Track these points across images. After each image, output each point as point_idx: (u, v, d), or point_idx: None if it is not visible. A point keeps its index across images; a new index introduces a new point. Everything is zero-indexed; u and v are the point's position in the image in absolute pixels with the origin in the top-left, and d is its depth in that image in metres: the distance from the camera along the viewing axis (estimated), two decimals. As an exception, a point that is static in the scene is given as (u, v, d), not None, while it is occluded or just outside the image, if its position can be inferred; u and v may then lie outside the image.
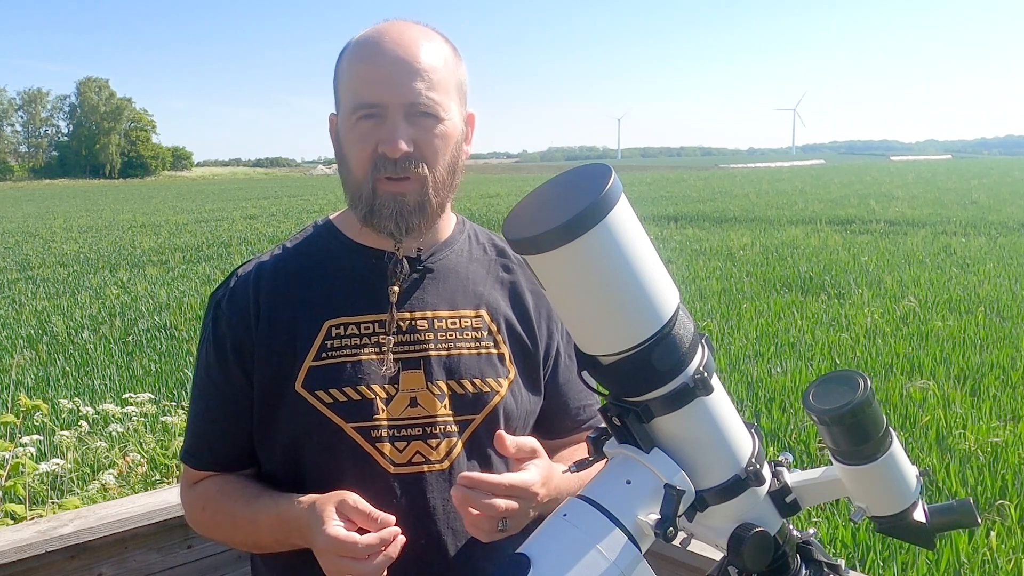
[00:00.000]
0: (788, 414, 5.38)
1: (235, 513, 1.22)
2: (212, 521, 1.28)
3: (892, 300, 9.21)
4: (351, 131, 1.19)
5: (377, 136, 1.16)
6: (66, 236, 21.15)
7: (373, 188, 1.18)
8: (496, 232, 1.40)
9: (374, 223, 1.20)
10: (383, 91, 1.16)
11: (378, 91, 1.16)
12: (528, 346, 1.31)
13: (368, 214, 1.20)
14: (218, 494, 1.26)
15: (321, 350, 1.21)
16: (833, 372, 0.94)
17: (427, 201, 1.20)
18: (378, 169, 1.17)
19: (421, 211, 1.19)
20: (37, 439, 3.78)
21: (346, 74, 1.20)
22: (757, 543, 0.88)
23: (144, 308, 10.09)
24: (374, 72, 1.16)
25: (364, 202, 1.19)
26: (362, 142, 1.17)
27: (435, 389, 1.22)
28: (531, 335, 1.31)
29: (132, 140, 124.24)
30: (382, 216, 1.18)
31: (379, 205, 1.18)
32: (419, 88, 1.16)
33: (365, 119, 1.17)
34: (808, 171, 71.01)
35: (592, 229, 0.76)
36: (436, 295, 1.26)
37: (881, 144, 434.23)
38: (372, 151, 1.17)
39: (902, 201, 25.74)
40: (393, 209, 1.18)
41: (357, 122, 1.17)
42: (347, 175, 1.22)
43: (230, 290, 1.28)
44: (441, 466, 1.21)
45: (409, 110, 1.16)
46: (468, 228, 1.36)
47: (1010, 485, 4.23)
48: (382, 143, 1.16)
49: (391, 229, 1.19)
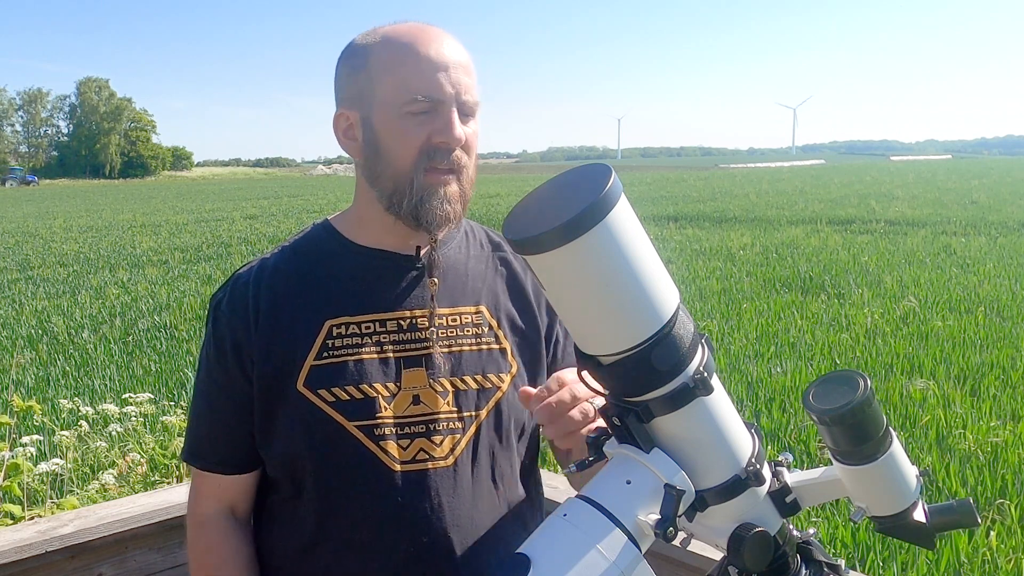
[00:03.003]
0: (788, 414, 5.38)
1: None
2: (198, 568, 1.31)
3: (892, 300, 9.22)
4: (399, 123, 1.17)
5: (430, 127, 1.16)
6: (66, 236, 21.16)
7: (421, 179, 1.17)
8: (492, 228, 1.40)
9: (420, 213, 1.19)
10: (442, 84, 1.16)
11: (434, 84, 1.16)
12: (529, 334, 1.31)
13: (417, 205, 1.18)
14: (219, 561, 1.28)
15: (322, 349, 1.21)
16: (833, 372, 0.94)
17: (464, 193, 1.21)
18: (429, 159, 1.17)
19: (461, 201, 1.21)
20: (37, 439, 3.79)
21: (386, 68, 1.18)
22: (757, 543, 0.88)
23: (144, 308, 10.09)
24: (428, 65, 1.16)
25: (411, 194, 1.18)
26: (412, 134, 1.17)
27: (437, 386, 1.22)
28: (532, 322, 1.31)
29: (132, 140, 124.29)
30: (432, 207, 1.18)
31: (428, 195, 1.18)
32: (468, 85, 1.18)
33: (416, 112, 1.16)
34: (808, 171, 71.04)
35: (592, 229, 0.76)
36: (436, 292, 1.26)
37: (881, 144, 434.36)
38: (423, 142, 1.16)
39: (902, 201, 25.75)
40: (442, 198, 1.18)
41: (407, 115, 1.16)
42: (385, 168, 1.20)
43: (229, 291, 1.28)
44: (445, 463, 1.21)
45: (460, 106, 1.18)
46: (465, 225, 1.36)
47: (1010, 485, 4.23)
48: (438, 134, 1.16)
49: (439, 219, 1.19)
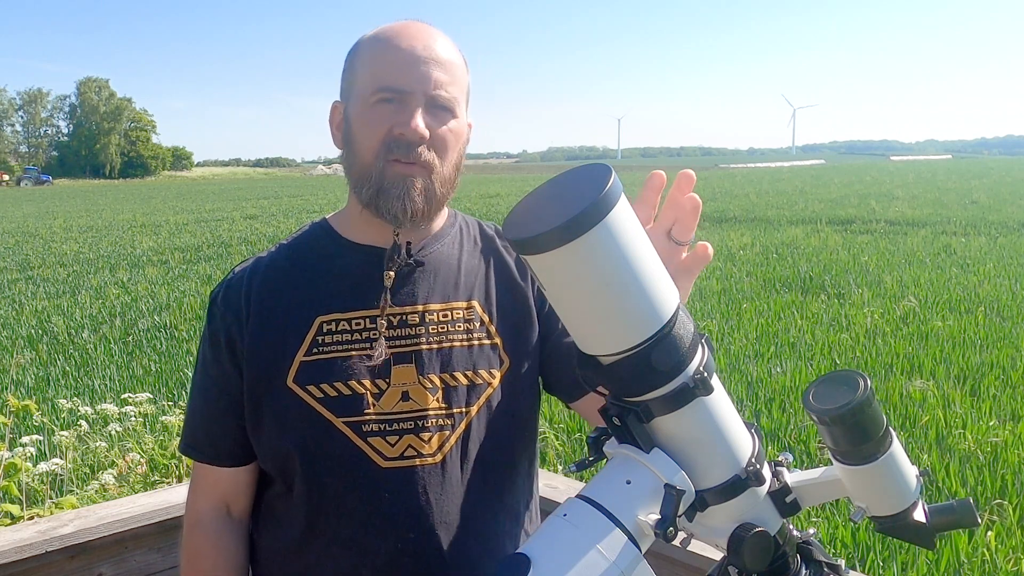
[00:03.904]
0: (788, 414, 5.38)
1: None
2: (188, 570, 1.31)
3: (892, 300, 9.22)
4: (365, 113, 1.18)
5: (393, 120, 1.16)
6: (66, 236, 21.16)
7: (382, 170, 1.17)
8: (486, 222, 1.40)
9: (379, 204, 1.19)
10: (407, 77, 1.16)
11: (402, 77, 1.16)
12: (523, 328, 1.30)
13: (375, 195, 1.19)
14: (209, 567, 1.29)
15: (312, 345, 1.22)
16: (833, 372, 0.94)
17: (432, 190, 1.20)
18: (390, 151, 1.17)
19: (426, 198, 1.19)
20: (37, 439, 3.79)
21: (365, 61, 1.20)
22: (757, 543, 0.88)
23: (144, 308, 10.09)
24: (399, 59, 1.17)
25: (372, 183, 1.18)
26: (376, 124, 1.17)
27: (427, 383, 1.22)
28: (525, 315, 1.30)
29: (132, 140, 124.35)
30: (389, 197, 1.18)
31: (388, 185, 1.17)
32: (441, 80, 1.18)
33: (383, 103, 1.17)
34: (808, 171, 71.05)
35: (592, 229, 0.75)
36: (427, 288, 1.26)
37: (881, 144, 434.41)
38: (385, 133, 1.17)
39: (902, 201, 25.75)
40: (401, 190, 1.17)
41: (374, 105, 1.17)
42: (354, 158, 1.21)
43: (225, 287, 1.29)
44: (434, 460, 1.21)
45: (429, 101, 1.17)
46: (460, 220, 1.36)
47: (1010, 485, 4.23)
48: (399, 125, 1.16)
49: (396, 211, 1.18)
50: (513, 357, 1.28)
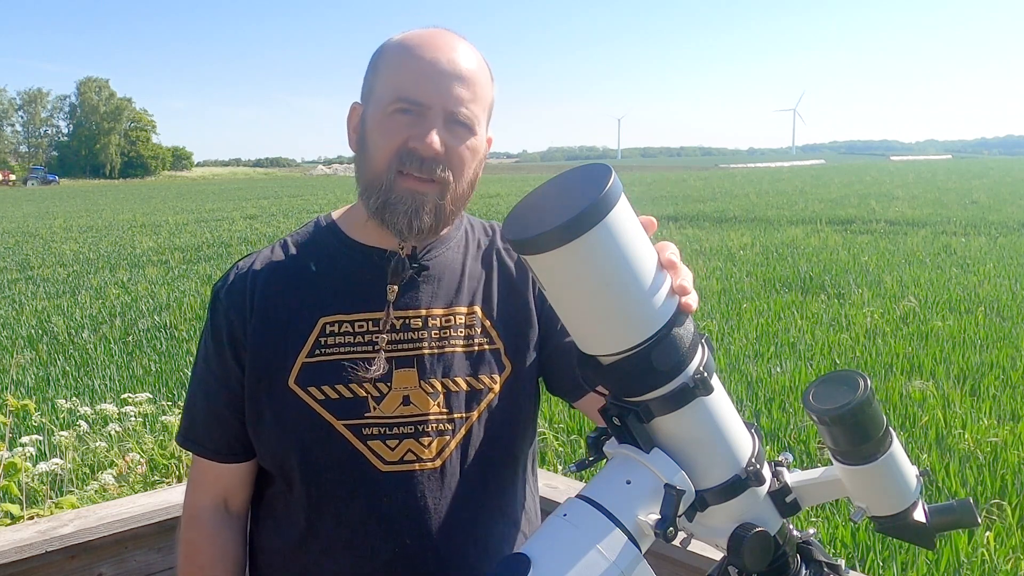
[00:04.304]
0: (788, 414, 5.38)
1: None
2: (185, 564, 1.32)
3: (892, 300, 9.22)
4: (383, 121, 1.17)
5: (409, 132, 1.15)
6: (66, 236, 21.15)
7: (392, 181, 1.16)
8: (489, 222, 1.39)
9: (385, 217, 1.18)
10: (428, 91, 1.15)
11: (422, 89, 1.15)
12: (525, 332, 1.29)
13: (382, 207, 1.18)
14: (205, 562, 1.29)
15: (315, 346, 1.21)
16: (833, 372, 0.94)
17: (443, 208, 1.19)
18: (402, 163, 1.15)
19: (435, 216, 1.18)
20: (37, 439, 3.79)
21: (388, 67, 1.19)
22: (757, 543, 0.88)
23: (144, 308, 10.09)
24: (421, 70, 1.16)
25: (380, 193, 1.17)
26: (392, 134, 1.16)
27: (428, 387, 1.22)
28: (527, 319, 1.30)
29: (132, 140, 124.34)
30: (396, 212, 1.17)
31: (395, 199, 1.16)
32: (463, 97, 1.16)
33: (401, 113, 1.16)
34: (808, 171, 71.04)
35: (592, 229, 0.76)
36: (431, 293, 1.26)
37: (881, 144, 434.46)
38: (400, 144, 1.15)
39: (902, 201, 25.75)
40: (409, 206, 1.16)
41: (392, 114, 1.16)
42: (366, 164, 1.20)
43: (228, 282, 1.28)
44: (433, 465, 1.20)
45: (448, 117, 1.16)
46: (465, 223, 1.35)
47: (1009, 485, 4.23)
48: (414, 139, 1.15)
49: (402, 227, 1.17)
50: (515, 362, 1.28)
